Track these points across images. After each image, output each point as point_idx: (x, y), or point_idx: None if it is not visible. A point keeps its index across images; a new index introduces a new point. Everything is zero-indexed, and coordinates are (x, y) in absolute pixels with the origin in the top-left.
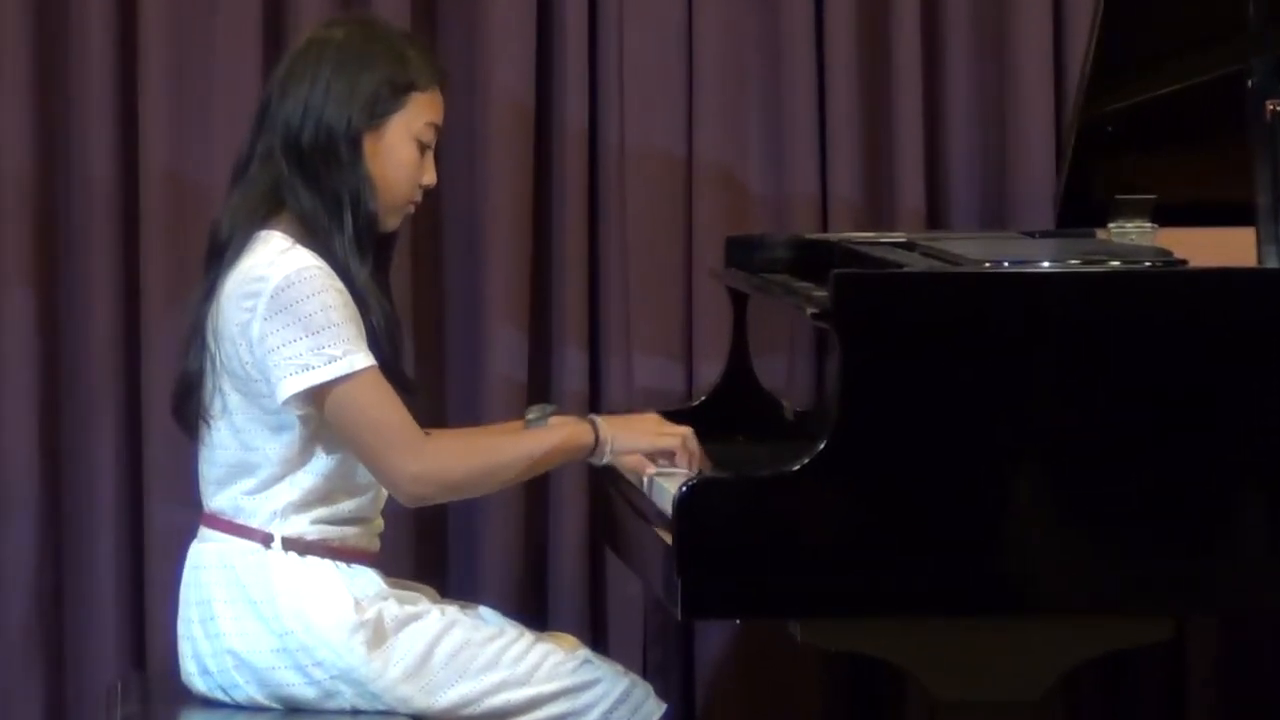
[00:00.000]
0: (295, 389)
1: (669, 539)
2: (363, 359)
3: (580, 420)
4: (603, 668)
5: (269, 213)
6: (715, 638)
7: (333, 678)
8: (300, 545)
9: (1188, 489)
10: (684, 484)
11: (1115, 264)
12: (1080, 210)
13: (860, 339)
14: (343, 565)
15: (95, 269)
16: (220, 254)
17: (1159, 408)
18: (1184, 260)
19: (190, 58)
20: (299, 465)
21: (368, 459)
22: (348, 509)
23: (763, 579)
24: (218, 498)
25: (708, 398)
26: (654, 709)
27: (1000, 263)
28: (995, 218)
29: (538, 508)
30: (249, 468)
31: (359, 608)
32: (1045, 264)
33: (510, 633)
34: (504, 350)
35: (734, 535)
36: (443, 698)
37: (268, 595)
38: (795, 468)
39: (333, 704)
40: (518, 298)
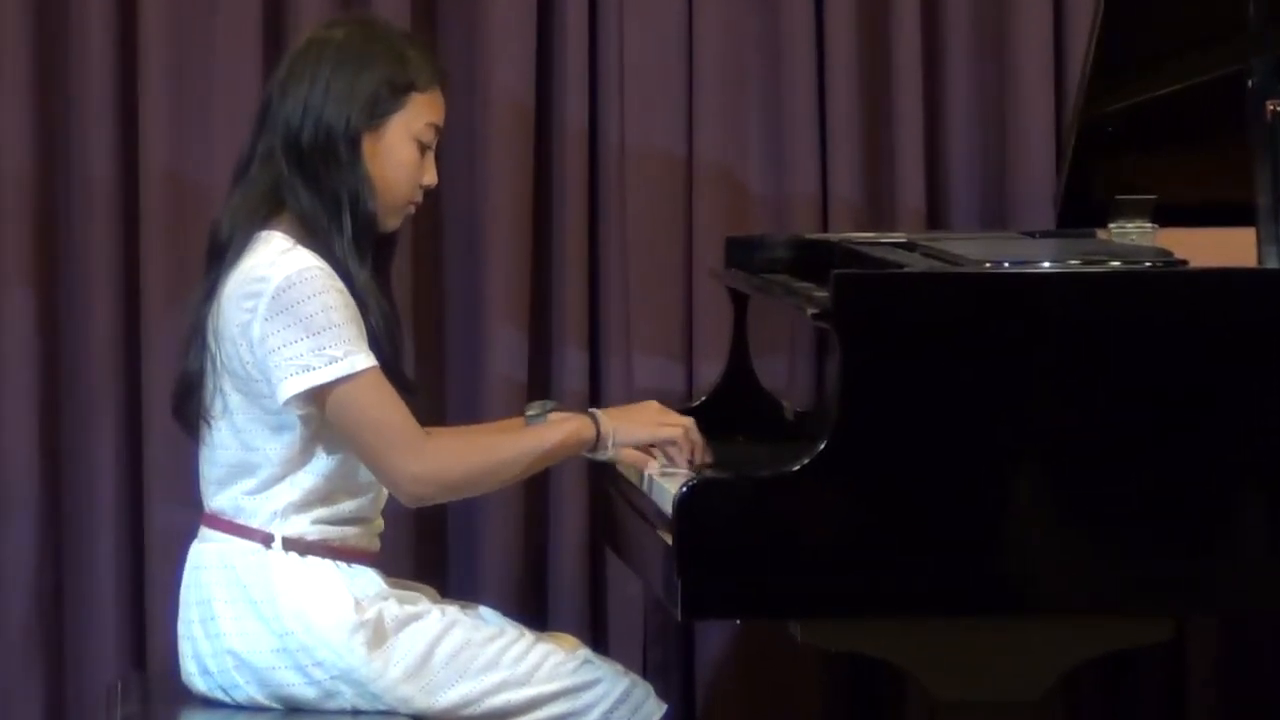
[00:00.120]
0: (296, 389)
1: (669, 539)
2: (364, 359)
3: (581, 415)
4: (603, 668)
5: (269, 213)
6: (715, 638)
7: (333, 678)
8: (301, 545)
9: (1188, 489)
10: (684, 484)
11: (1115, 264)
12: (1080, 210)
13: (860, 339)
14: (343, 565)
15: (95, 269)
16: (221, 254)
17: (1159, 408)
18: (1184, 260)
19: (190, 58)
20: (300, 465)
21: (369, 459)
22: (348, 509)
23: (763, 579)
24: (218, 498)
25: (708, 398)
26: (654, 709)
27: (1000, 263)
28: (995, 218)
29: (538, 508)
30: (249, 468)
31: (359, 608)
32: (1045, 264)
33: (510, 633)
34: (504, 350)
35: (734, 535)
36: (443, 698)
37: (268, 595)
38: (795, 468)
39: (333, 704)
40: (518, 298)
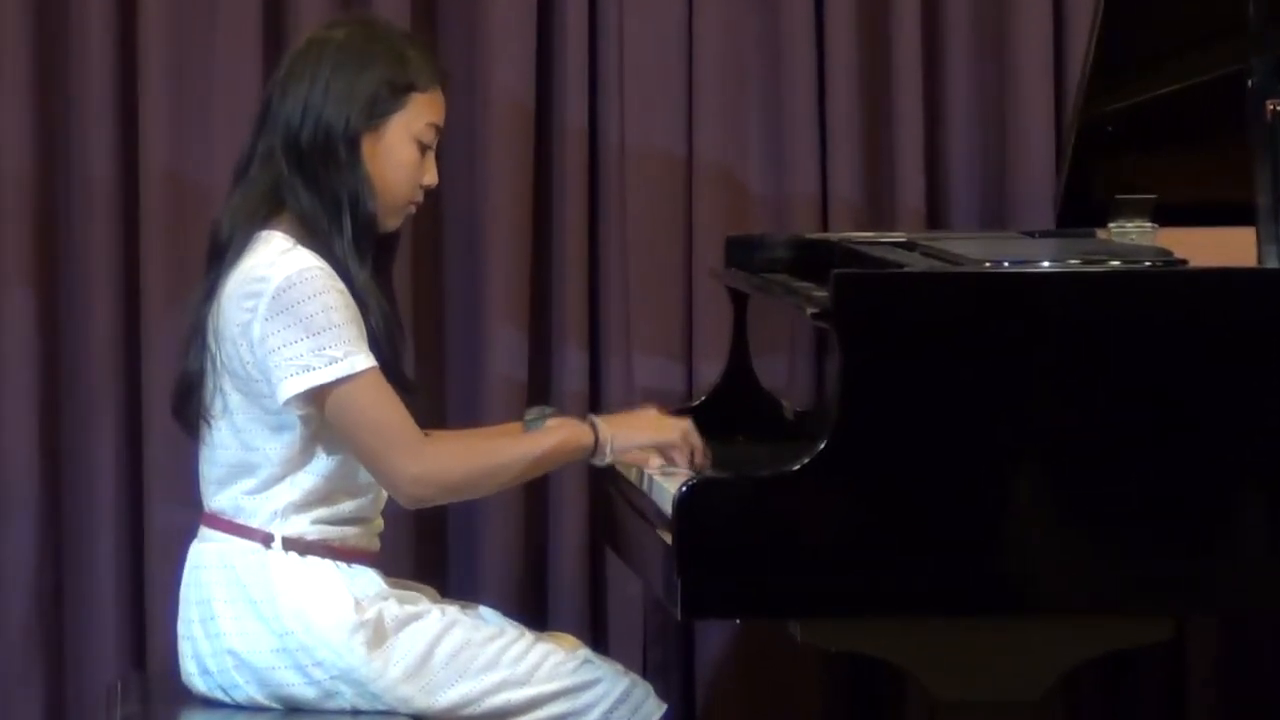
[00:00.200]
0: (296, 390)
1: (669, 539)
2: (363, 360)
3: (580, 421)
4: (603, 668)
5: (270, 213)
6: (715, 638)
7: (333, 678)
8: (300, 545)
9: (1188, 489)
10: (684, 484)
11: (1115, 264)
12: (1080, 210)
13: (860, 339)
14: (343, 565)
15: (95, 269)
16: (221, 254)
17: (1159, 408)
18: (1184, 260)
19: (190, 58)
20: (300, 465)
21: (367, 460)
22: (348, 509)
23: (763, 579)
24: (218, 498)
25: (708, 398)
26: (654, 709)
27: (1000, 263)
28: (995, 218)
29: (538, 508)
30: (249, 468)
31: (359, 608)
32: (1045, 264)
33: (510, 633)
34: (504, 350)
35: (734, 535)
36: (443, 698)
37: (268, 595)
38: (795, 468)
39: (333, 704)
40: (518, 298)
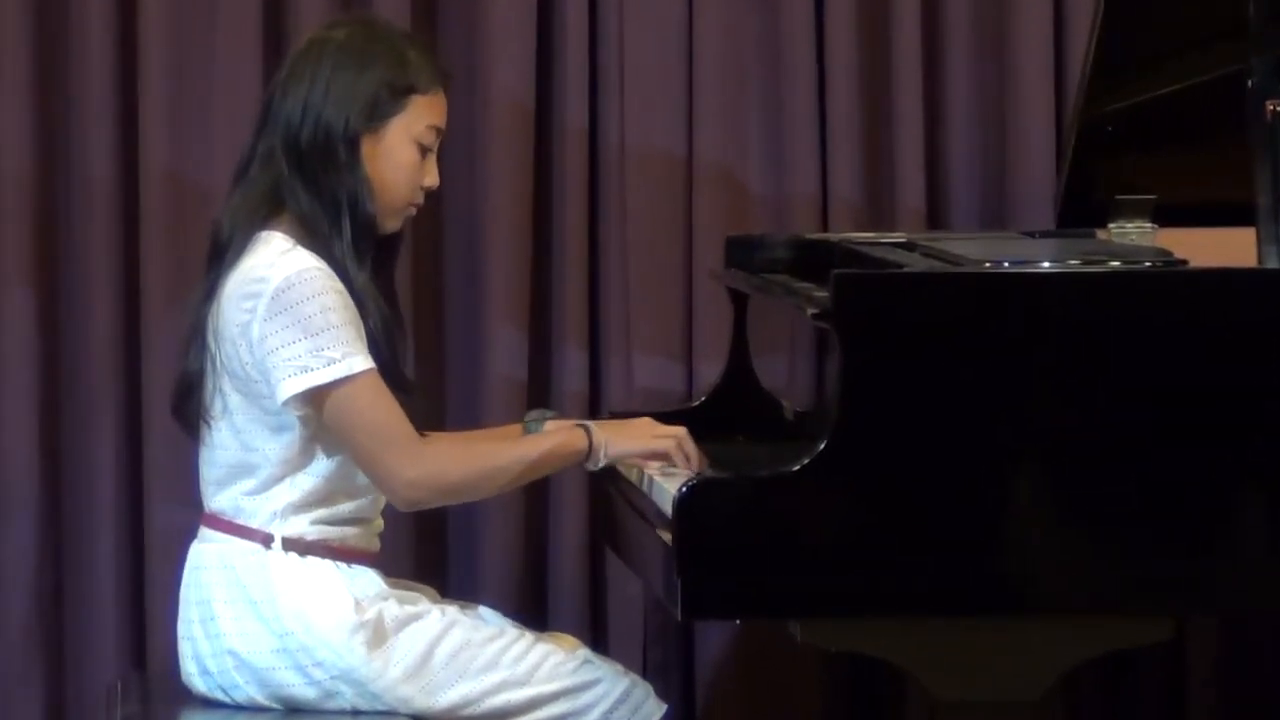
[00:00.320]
0: (294, 390)
1: (669, 539)
2: (361, 361)
3: (574, 426)
4: (603, 668)
5: (270, 213)
6: (715, 638)
7: (333, 678)
8: (300, 546)
9: (1188, 489)
10: (684, 484)
11: (1115, 264)
12: (1080, 210)
13: (860, 339)
14: (343, 565)
15: (95, 269)
16: (221, 254)
17: (1159, 408)
18: (1184, 260)
19: (190, 58)
20: (299, 466)
21: (364, 462)
22: (348, 510)
23: (763, 579)
24: (218, 498)
25: (708, 398)
26: (654, 709)
27: (1000, 263)
28: (995, 218)
29: (538, 508)
30: (249, 468)
31: (359, 608)
32: (1045, 264)
33: (510, 633)
34: (504, 350)
35: (734, 535)
36: (443, 698)
37: (268, 595)
38: (795, 468)
39: (333, 704)
40: (518, 298)
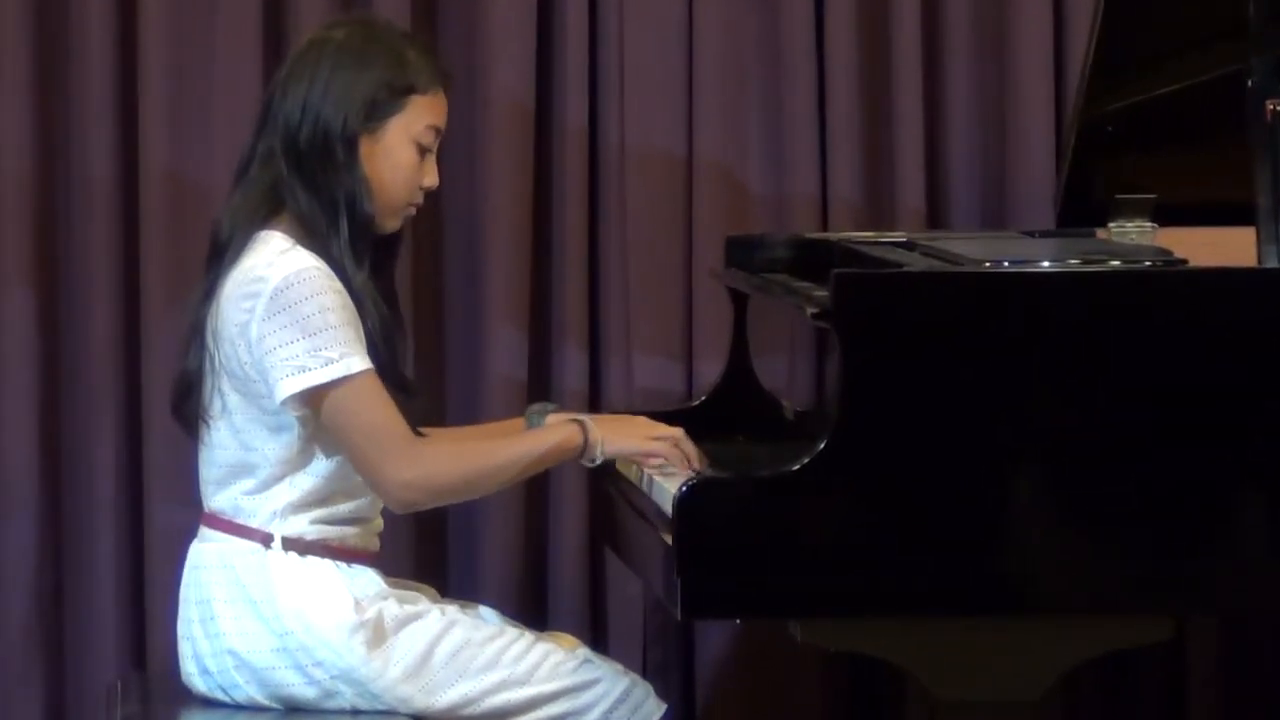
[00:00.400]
0: (292, 390)
1: (669, 539)
2: (359, 362)
3: (570, 421)
4: (603, 667)
5: (269, 213)
6: (715, 638)
7: (333, 678)
8: (300, 545)
9: (1188, 489)
10: (684, 484)
11: (1115, 264)
12: (1080, 210)
13: (860, 339)
14: (343, 565)
15: (95, 269)
16: (220, 254)
17: (1159, 408)
18: (1184, 260)
19: (190, 58)
20: (298, 466)
21: (358, 463)
22: (347, 509)
23: (763, 579)
24: (218, 498)
25: (708, 398)
26: (654, 709)
27: (1000, 263)
28: (995, 218)
29: (538, 507)
30: (248, 468)
31: (359, 608)
32: (1045, 264)
33: (510, 632)
34: (504, 350)
35: (734, 535)
36: (443, 697)
37: (268, 595)
38: (795, 468)
39: (333, 704)
40: (518, 298)
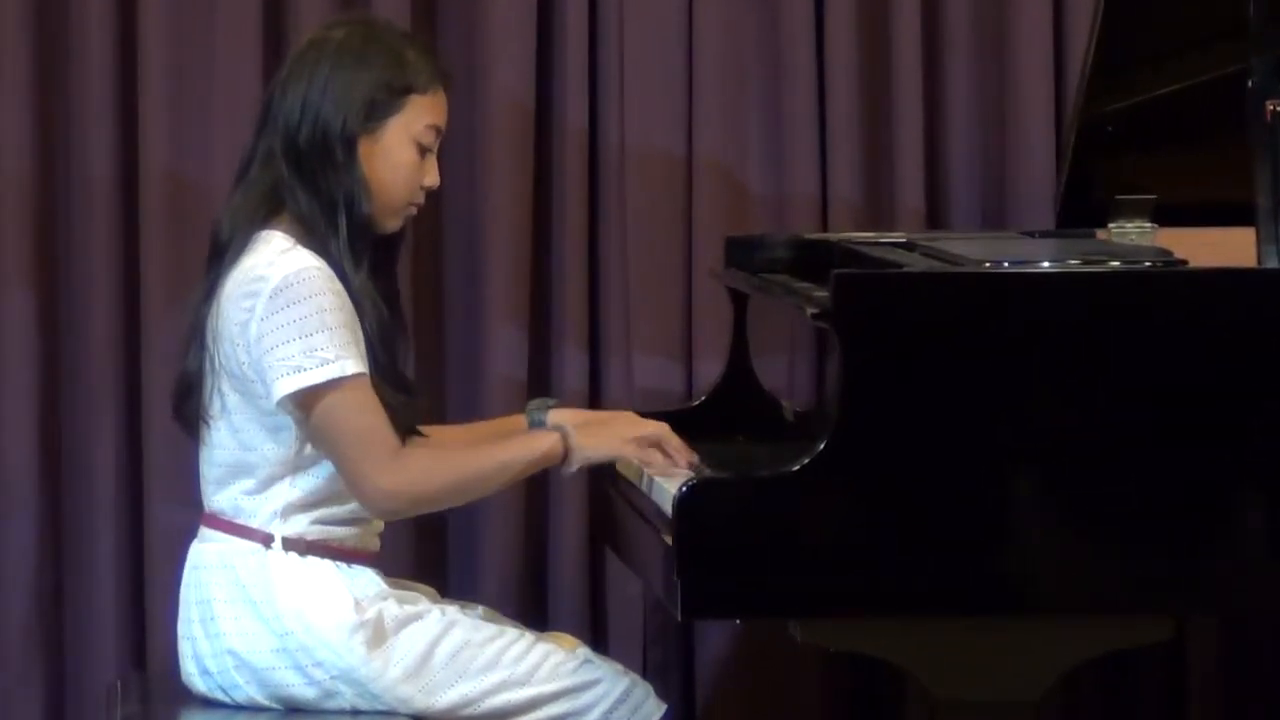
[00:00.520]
0: (288, 390)
1: (669, 539)
2: (353, 365)
3: (551, 431)
4: (603, 668)
5: (269, 213)
6: (715, 638)
7: (333, 678)
8: (300, 545)
9: (1188, 489)
10: (684, 484)
11: (1115, 264)
12: (1080, 210)
13: (860, 339)
14: (343, 565)
15: (95, 269)
16: (221, 254)
17: (1159, 408)
18: (1184, 260)
19: (190, 58)
20: (298, 466)
21: (342, 466)
22: (347, 510)
23: (762, 579)
24: (218, 498)
25: (708, 398)
26: (654, 709)
27: (1000, 263)
28: (995, 218)
29: (538, 507)
30: (248, 468)
31: (359, 608)
32: (1045, 264)
33: (510, 633)
34: (504, 350)
35: (734, 535)
36: (443, 698)
37: (268, 595)
38: (795, 468)
39: (333, 704)
40: (518, 298)
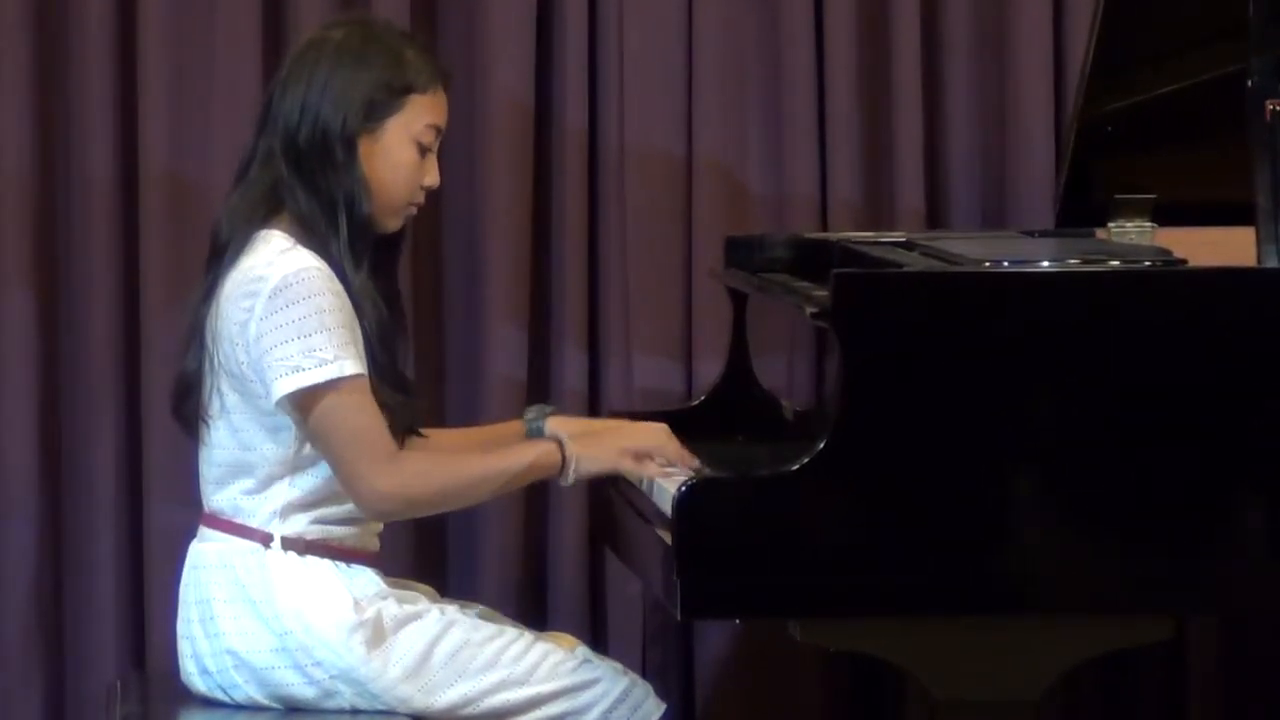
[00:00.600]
0: (287, 390)
1: (669, 539)
2: (351, 366)
3: (548, 440)
4: (602, 667)
5: (269, 213)
6: (715, 638)
7: (332, 677)
8: (300, 545)
9: (1188, 489)
10: (684, 484)
11: (1115, 264)
12: (1080, 210)
13: (860, 339)
14: (342, 565)
15: (95, 269)
16: (220, 254)
17: (1159, 408)
18: (1184, 260)
19: (190, 58)
20: (297, 466)
21: (337, 467)
22: (347, 509)
23: (762, 579)
24: (217, 497)
25: (707, 398)
26: (654, 709)
27: (1000, 263)
28: (995, 218)
29: (537, 507)
30: (247, 468)
31: (358, 607)
32: (1045, 264)
33: (509, 632)
34: (504, 350)
35: (734, 535)
36: (442, 697)
37: (267, 595)
38: (795, 468)
39: (332, 704)
40: (518, 298)
